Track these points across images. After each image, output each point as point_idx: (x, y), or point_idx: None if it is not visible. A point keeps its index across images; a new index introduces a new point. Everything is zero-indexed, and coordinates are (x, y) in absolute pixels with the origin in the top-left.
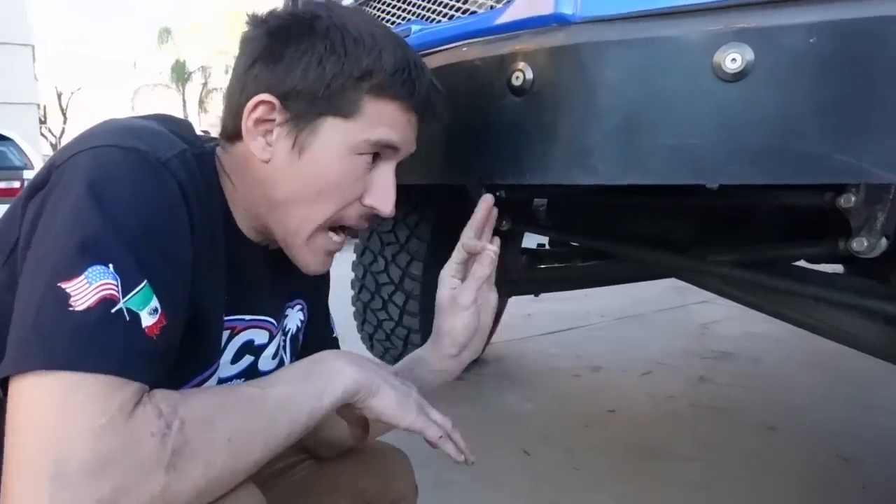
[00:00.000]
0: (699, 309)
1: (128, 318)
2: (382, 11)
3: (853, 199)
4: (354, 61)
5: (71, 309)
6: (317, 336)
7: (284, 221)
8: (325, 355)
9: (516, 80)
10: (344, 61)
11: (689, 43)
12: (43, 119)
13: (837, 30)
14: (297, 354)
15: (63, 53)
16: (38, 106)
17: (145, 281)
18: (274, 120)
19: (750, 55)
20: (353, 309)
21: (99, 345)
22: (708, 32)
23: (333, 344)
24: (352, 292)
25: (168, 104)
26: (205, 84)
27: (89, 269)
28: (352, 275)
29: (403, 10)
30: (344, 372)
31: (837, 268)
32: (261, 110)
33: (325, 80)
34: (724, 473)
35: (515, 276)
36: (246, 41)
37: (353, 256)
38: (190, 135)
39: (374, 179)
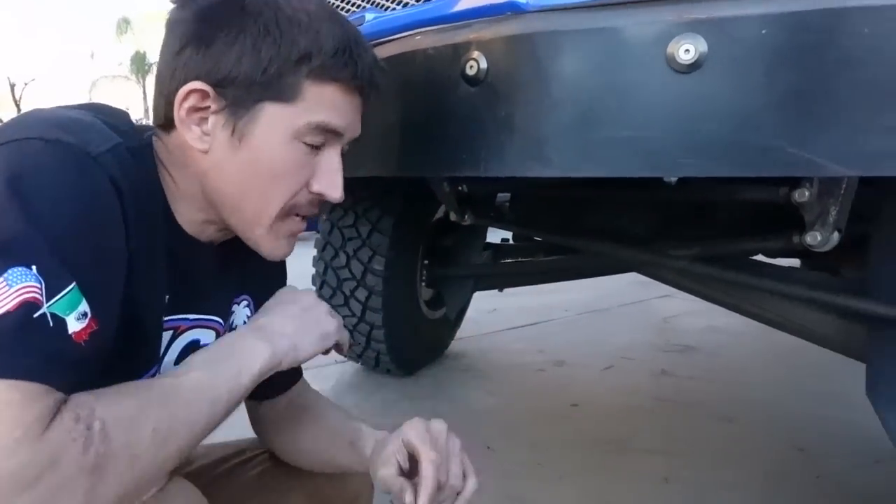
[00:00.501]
0: (661, 303)
1: (51, 324)
2: None
3: (807, 193)
4: (291, 43)
5: None
6: None
7: (239, 213)
8: (235, 335)
9: (470, 69)
10: (280, 43)
11: (643, 33)
12: None
13: (789, 21)
14: None
15: (16, 44)
16: None
17: (73, 284)
18: (209, 108)
19: (703, 46)
20: None
21: (17, 352)
22: (662, 23)
23: None
24: (313, 288)
25: (128, 96)
26: None
27: (9, 272)
28: (312, 270)
29: None
30: (256, 350)
31: (796, 263)
32: (193, 98)
33: (262, 65)
34: (684, 465)
35: (479, 271)
36: (173, 23)
37: (314, 252)
38: (125, 125)
39: (321, 165)
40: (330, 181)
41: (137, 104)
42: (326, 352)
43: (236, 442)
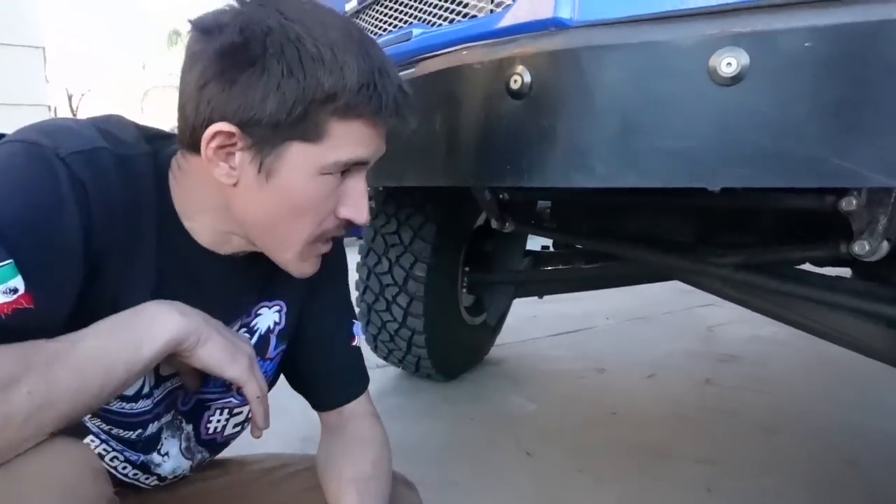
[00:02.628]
0: (705, 311)
1: None
2: (383, 15)
3: (854, 202)
4: (316, 84)
5: None
6: (324, 343)
7: (268, 240)
8: (147, 305)
9: (514, 83)
10: (304, 85)
11: (685, 47)
12: None
13: (833, 34)
14: (281, 358)
15: (74, 55)
16: (49, 108)
17: (10, 260)
18: (235, 144)
19: (745, 59)
20: (357, 310)
21: None
22: (704, 37)
23: (350, 354)
24: (356, 293)
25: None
26: None
27: None
28: (356, 276)
29: (404, 14)
30: (166, 321)
31: (846, 272)
32: (219, 139)
33: (287, 106)
34: (728, 475)
35: (519, 278)
36: (194, 53)
37: (358, 258)
38: (129, 137)
39: (346, 192)
40: (356, 207)
41: None
42: (243, 399)
43: (285, 455)
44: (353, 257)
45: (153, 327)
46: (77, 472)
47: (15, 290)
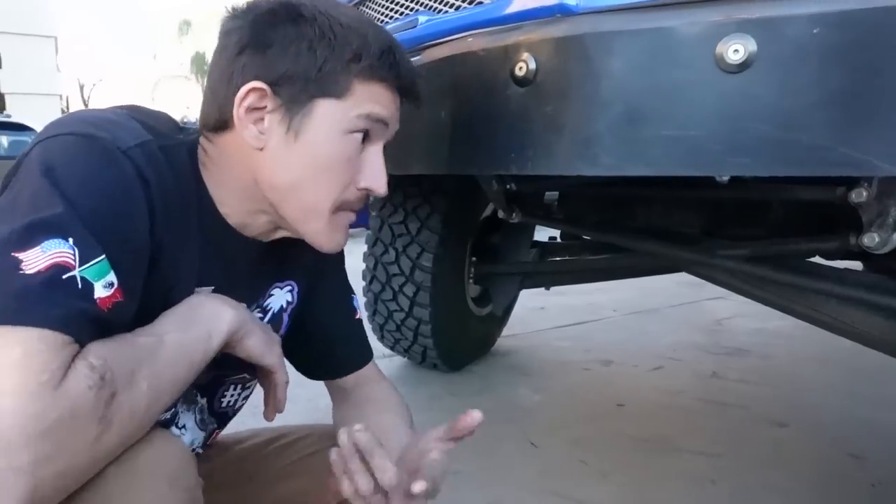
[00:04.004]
0: (713, 304)
1: (80, 286)
2: (389, 2)
3: (864, 193)
4: (344, 44)
5: (20, 272)
6: (334, 317)
7: (295, 206)
8: (199, 299)
9: (520, 70)
10: (334, 45)
11: (692, 34)
12: (65, 110)
13: (841, 20)
14: (289, 334)
15: (85, 45)
16: (61, 97)
17: (103, 255)
18: (265, 107)
19: (753, 46)
20: (363, 300)
21: (44, 304)
22: (711, 23)
23: (356, 326)
24: (363, 283)
25: (187, 95)
26: None
27: (45, 242)
28: (363, 265)
29: (410, 1)
30: (224, 313)
31: (857, 265)
32: (252, 98)
33: (317, 64)
34: (732, 468)
35: (526, 269)
36: (229, 32)
37: (364, 247)
38: (163, 127)
39: (366, 162)
40: (376, 176)
41: (197, 102)
42: (253, 374)
43: (281, 427)
44: (359, 247)
45: (216, 320)
46: (178, 461)
47: (112, 284)
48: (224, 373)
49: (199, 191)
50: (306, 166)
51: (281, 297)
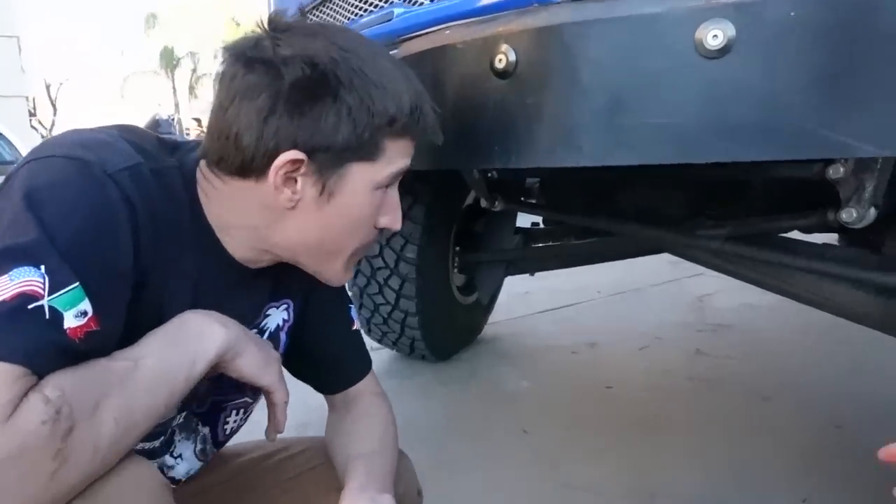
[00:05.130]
0: (695, 281)
1: (48, 316)
2: None
3: (842, 170)
4: (382, 111)
5: None
6: (330, 330)
7: (315, 258)
8: (188, 317)
9: (499, 62)
10: (372, 111)
11: (671, 20)
12: (33, 111)
13: (818, 3)
14: (288, 351)
15: (50, 44)
16: (27, 98)
17: (77, 283)
18: (299, 170)
19: (731, 31)
20: (349, 294)
21: (3, 334)
22: (689, 9)
23: (353, 338)
24: None
25: (158, 90)
26: (194, 70)
27: (15, 269)
28: None
29: None
30: (213, 333)
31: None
32: (288, 166)
33: (357, 132)
34: (720, 444)
35: (510, 256)
36: (251, 87)
37: None
38: (155, 148)
39: (386, 202)
40: (394, 216)
41: (167, 98)
42: (255, 397)
43: (282, 440)
44: None
45: (203, 341)
46: (152, 492)
47: (85, 313)
48: (224, 398)
49: (193, 215)
50: (338, 224)
51: (277, 316)
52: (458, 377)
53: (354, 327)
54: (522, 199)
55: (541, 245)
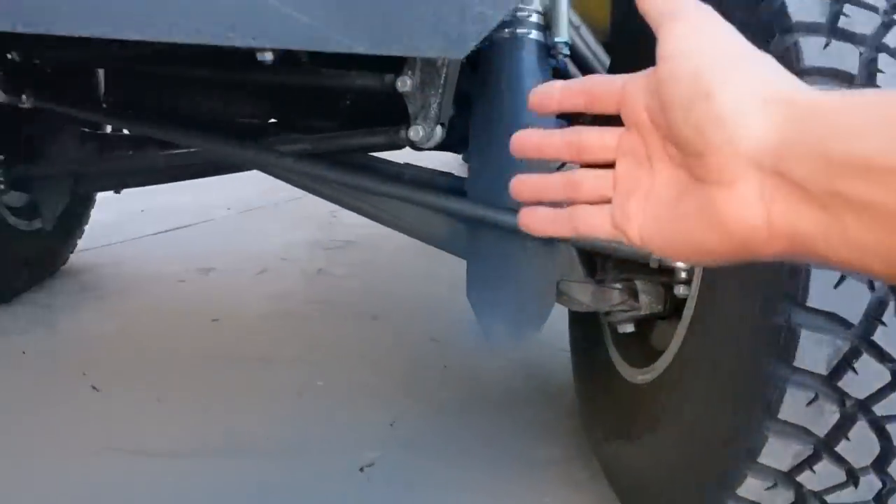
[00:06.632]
0: None
1: None
2: None
3: (409, 82)
4: None
5: None
6: None
7: None
8: None
9: None
10: None
11: None
12: None
13: None
14: None
15: None
16: None
17: None
18: None
19: None
20: None
21: None
22: None
23: None
24: None
25: None
26: None
27: None
28: None
29: None
30: None
31: None
32: None
33: None
34: (322, 373)
35: (78, 168)
36: None
37: None
38: None
39: None
40: None
41: None
42: None
43: None
44: None
45: None
46: None
47: None
48: None
49: None
50: None
51: None
52: (14, 326)
53: None
54: (68, 97)
55: (120, 155)
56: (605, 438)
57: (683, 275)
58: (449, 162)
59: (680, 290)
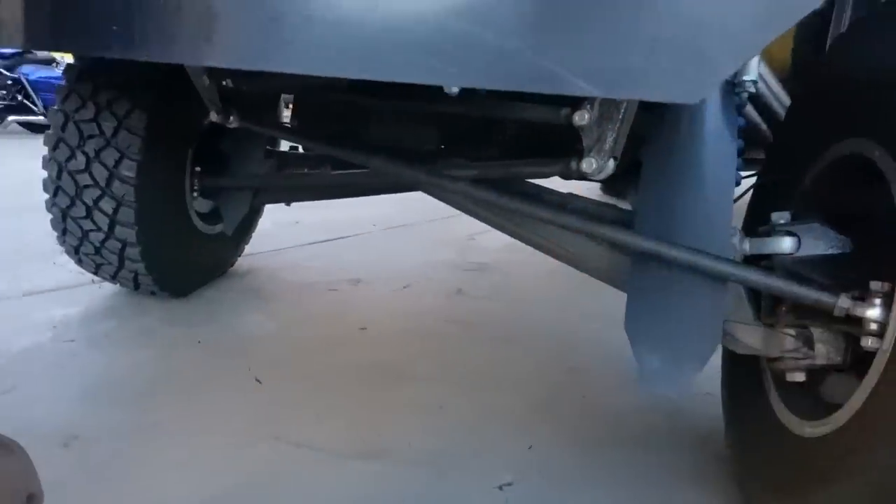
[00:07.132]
0: (468, 218)
1: None
2: None
3: (587, 116)
4: None
5: None
6: None
7: None
8: None
9: None
10: None
11: None
12: None
13: None
14: None
15: None
16: None
17: None
18: None
19: None
20: (50, 216)
21: None
22: None
23: None
24: (45, 196)
25: None
26: None
27: None
28: (44, 173)
29: None
30: None
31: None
32: None
33: None
34: (461, 390)
35: (259, 183)
36: None
37: (45, 150)
38: None
39: None
40: None
41: None
42: None
43: None
44: (38, 149)
45: None
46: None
47: None
48: None
49: None
50: None
51: None
52: (192, 319)
53: None
54: (266, 118)
55: (296, 172)
56: (764, 490)
57: (874, 326)
58: (577, 187)
59: (868, 343)
